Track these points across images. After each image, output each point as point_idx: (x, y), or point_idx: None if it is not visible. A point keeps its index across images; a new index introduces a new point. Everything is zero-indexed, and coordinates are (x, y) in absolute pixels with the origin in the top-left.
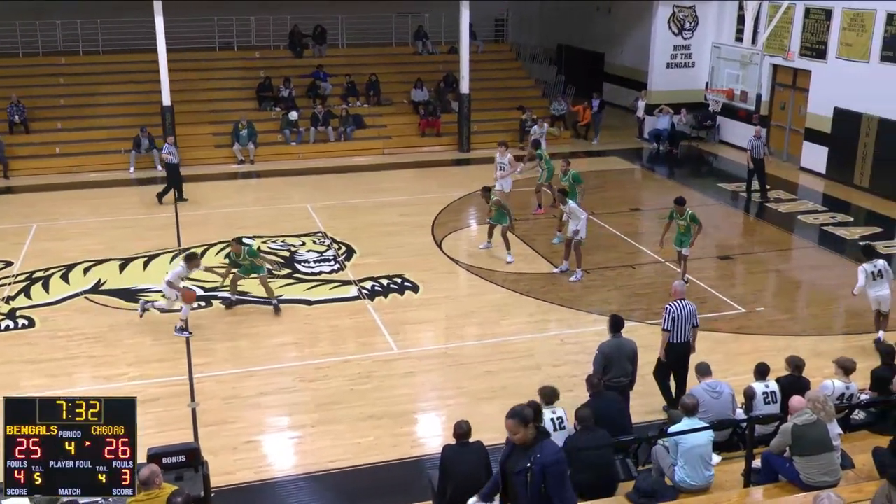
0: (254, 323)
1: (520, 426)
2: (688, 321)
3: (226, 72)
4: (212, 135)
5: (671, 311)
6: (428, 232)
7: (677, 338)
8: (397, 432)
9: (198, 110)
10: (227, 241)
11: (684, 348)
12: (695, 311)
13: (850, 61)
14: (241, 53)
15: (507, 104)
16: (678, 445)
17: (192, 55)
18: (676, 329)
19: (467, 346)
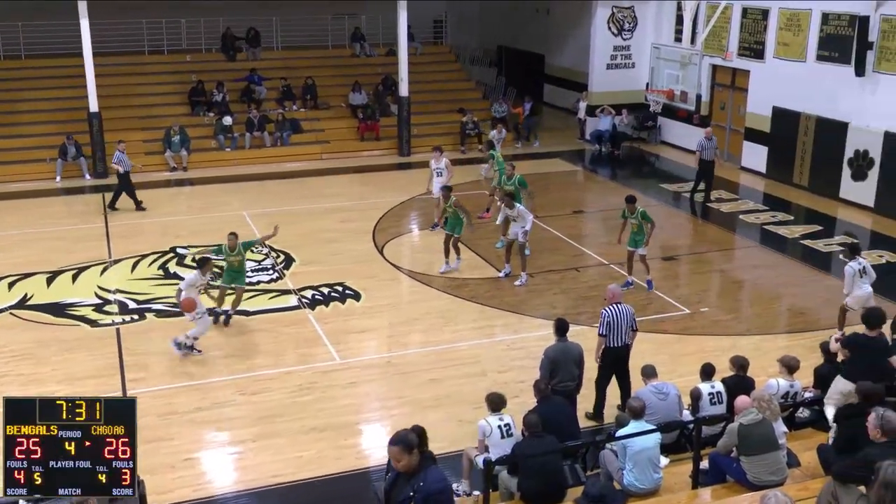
0: None
1: (404, 453)
2: (625, 324)
3: (156, 76)
4: (142, 142)
5: (606, 316)
6: (369, 238)
7: (615, 342)
8: (341, 444)
9: (127, 116)
10: (161, 250)
11: (623, 352)
12: (632, 314)
13: (787, 61)
14: (171, 57)
15: (447, 107)
16: (626, 449)
17: (120, 59)
18: (613, 333)
19: (411, 354)
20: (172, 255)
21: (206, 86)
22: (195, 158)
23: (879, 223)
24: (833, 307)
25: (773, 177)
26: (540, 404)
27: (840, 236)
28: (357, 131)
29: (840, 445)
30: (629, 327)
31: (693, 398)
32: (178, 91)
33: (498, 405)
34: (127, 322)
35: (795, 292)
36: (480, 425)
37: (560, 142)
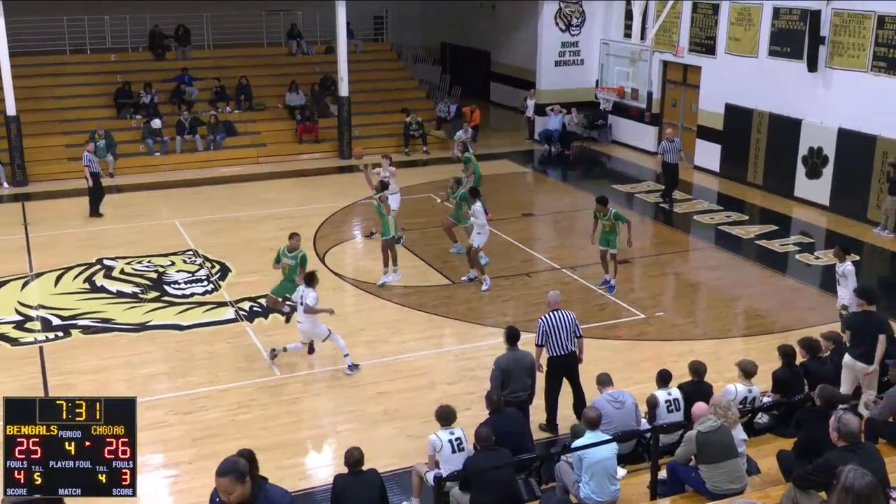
0: (119, 352)
1: (236, 483)
2: (567, 331)
3: (78, 77)
4: (65, 146)
5: (542, 325)
6: (310, 245)
7: (557, 350)
8: (284, 464)
9: (47, 120)
10: (87, 262)
11: (569, 360)
12: (574, 320)
13: (739, 56)
14: (95, 56)
15: (389, 107)
16: (582, 460)
17: (39, 59)
18: (553, 342)
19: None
20: (99, 268)
21: (132, 87)
22: (122, 164)
23: (834, 222)
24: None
25: (727, 176)
26: (492, 416)
27: (796, 235)
28: (295, 133)
29: (800, 451)
30: (571, 333)
31: (649, 406)
32: (103, 93)
33: (448, 419)
34: (51, 340)
35: (752, 294)
36: (430, 440)
37: (508, 142)
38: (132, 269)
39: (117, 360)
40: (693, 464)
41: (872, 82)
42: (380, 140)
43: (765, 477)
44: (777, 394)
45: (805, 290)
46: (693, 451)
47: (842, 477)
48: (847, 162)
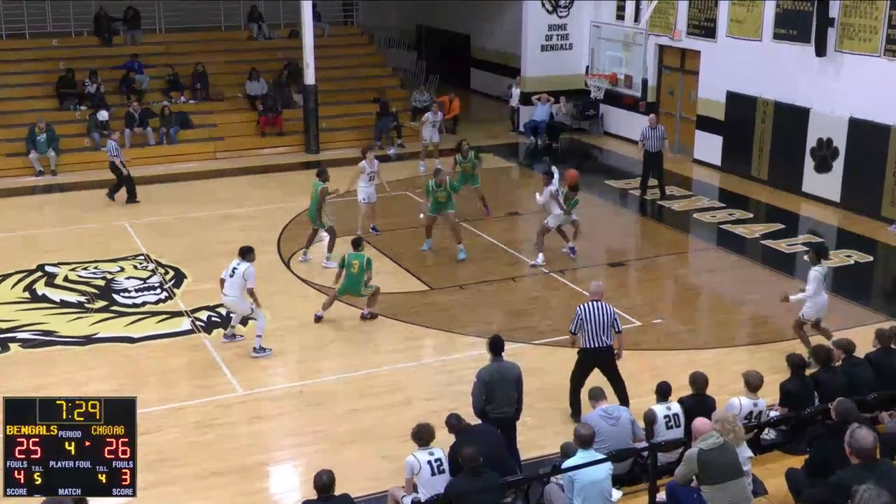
0: (63, 367)
1: None
2: (604, 324)
3: (16, 64)
4: (2, 141)
5: (579, 313)
6: (273, 249)
7: (592, 342)
8: (247, 490)
9: None
10: (27, 269)
11: (604, 354)
12: (613, 313)
13: (741, 40)
14: (34, 42)
15: (360, 96)
16: (574, 482)
17: None
18: (588, 332)
19: (326, 382)
20: (41, 275)
21: (76, 75)
22: (65, 160)
23: (846, 220)
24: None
25: (730, 170)
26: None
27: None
28: (256, 126)
29: (811, 469)
30: (609, 327)
31: (647, 422)
32: (44, 81)
33: (425, 438)
34: None
35: (757, 299)
36: (408, 462)
37: (490, 134)
38: (77, 276)
39: (60, 376)
40: (694, 484)
41: (886, 68)
42: (350, 133)
43: (772, 498)
44: (785, 407)
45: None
46: (694, 471)
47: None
48: (859, 154)
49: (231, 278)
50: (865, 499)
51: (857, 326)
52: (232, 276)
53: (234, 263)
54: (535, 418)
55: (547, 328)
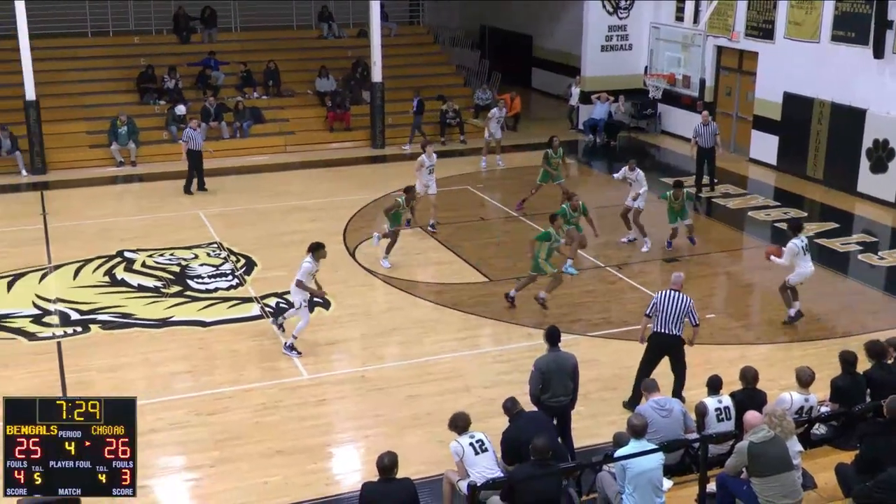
0: (139, 348)
1: None
2: (675, 315)
3: (100, 60)
4: (85, 133)
5: (656, 299)
6: (339, 240)
7: (662, 327)
8: (309, 469)
9: (68, 105)
10: (107, 255)
11: (671, 341)
12: (690, 306)
13: (799, 41)
14: (117, 39)
15: (426, 93)
16: (626, 471)
17: (60, 42)
18: (660, 319)
19: (387, 367)
20: (120, 260)
21: (156, 71)
22: (144, 152)
23: None
24: (852, 313)
25: (785, 169)
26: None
27: (859, 234)
28: (325, 121)
29: (861, 465)
30: (680, 318)
31: (698, 414)
32: (126, 77)
33: (462, 426)
34: (69, 335)
35: (810, 297)
36: (452, 448)
37: (550, 132)
38: (154, 263)
39: (137, 357)
40: (744, 476)
41: None
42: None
43: (822, 492)
44: (836, 403)
45: (867, 293)
46: (744, 463)
47: None
48: None
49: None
50: None
51: None
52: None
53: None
54: (589, 408)
55: (601, 321)
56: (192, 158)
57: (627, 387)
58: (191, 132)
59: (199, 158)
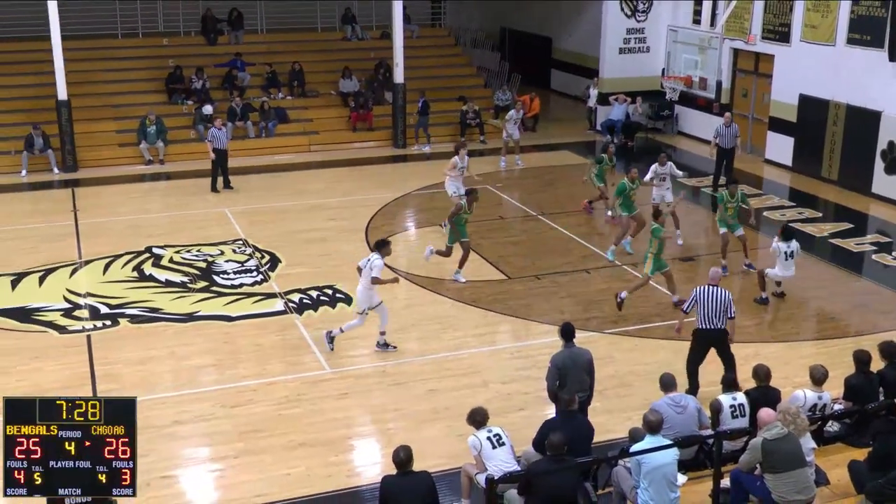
0: (166, 342)
1: None
2: (717, 309)
3: (130, 61)
4: (115, 132)
5: (695, 294)
6: (361, 237)
7: (705, 323)
8: (331, 461)
9: (99, 105)
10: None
11: (716, 335)
12: (729, 299)
13: (815, 44)
14: (147, 41)
15: (446, 94)
16: (641, 466)
17: (91, 43)
18: (703, 314)
19: (407, 362)
20: (148, 256)
21: (184, 72)
22: (172, 150)
23: None
24: (865, 312)
25: (800, 170)
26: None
27: (873, 234)
28: (348, 121)
29: (874, 463)
30: (723, 312)
31: (713, 411)
32: (155, 77)
33: (480, 420)
34: (98, 328)
35: (824, 296)
36: (470, 442)
37: (568, 132)
38: (181, 258)
39: (164, 350)
40: (758, 472)
41: None
42: (436, 129)
43: (835, 489)
44: (849, 401)
45: (881, 293)
46: (758, 459)
47: None
48: None
49: (364, 268)
50: None
51: None
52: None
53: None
54: (605, 404)
55: (618, 318)
56: (218, 157)
57: (642, 383)
58: (215, 132)
59: (224, 157)
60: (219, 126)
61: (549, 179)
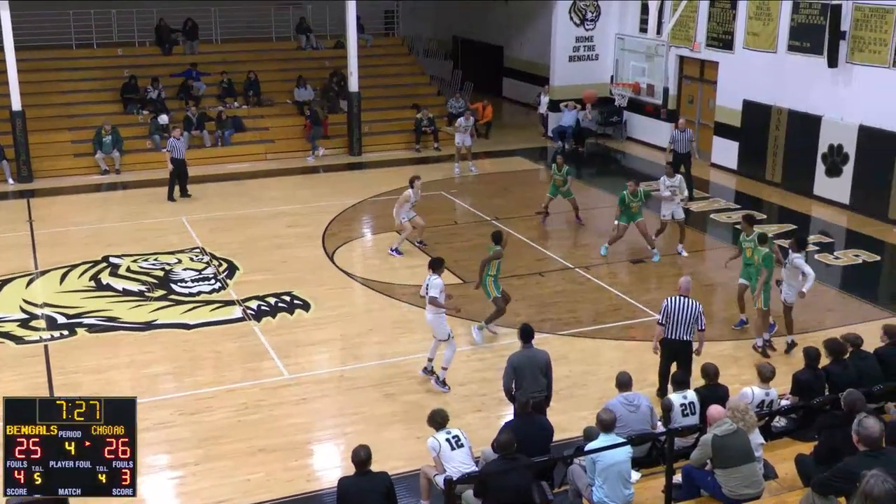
0: (125, 351)
1: None
2: (686, 321)
3: (85, 71)
4: (71, 142)
5: (666, 305)
6: (318, 244)
7: (673, 334)
8: (291, 466)
9: (53, 115)
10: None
11: (680, 347)
12: (699, 311)
13: (757, 52)
14: (101, 51)
15: (400, 102)
16: (595, 464)
17: (45, 53)
18: (672, 325)
19: (366, 367)
20: (105, 265)
21: (139, 82)
22: (128, 160)
23: (855, 221)
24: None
25: (745, 173)
26: (517, 419)
27: (816, 235)
28: (304, 130)
29: (820, 456)
30: (692, 324)
31: (664, 409)
32: (110, 88)
33: (440, 421)
34: (56, 338)
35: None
36: (429, 444)
37: (520, 139)
38: (138, 267)
39: (123, 359)
40: (709, 468)
41: (894, 78)
42: (390, 136)
43: (782, 482)
44: (797, 396)
45: (824, 292)
46: (709, 455)
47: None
48: (868, 160)
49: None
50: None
51: (865, 322)
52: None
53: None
54: (561, 403)
55: (572, 319)
56: (176, 167)
57: (596, 383)
58: (174, 142)
59: (182, 167)
60: (177, 136)
61: (503, 185)
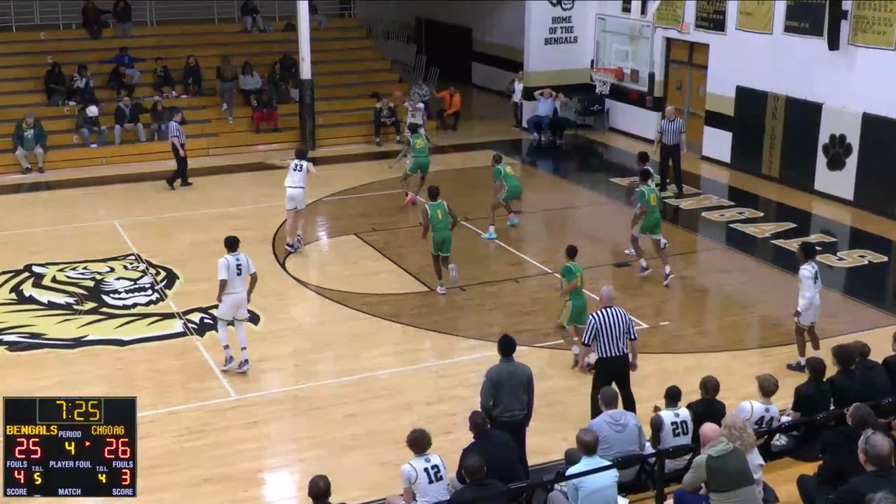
0: (52, 371)
1: None
2: (619, 331)
3: (3, 58)
4: None
5: (593, 322)
6: (269, 249)
7: (607, 351)
8: (240, 497)
9: None
10: (13, 269)
11: (620, 362)
12: (629, 320)
13: (751, 33)
14: (21, 35)
15: (358, 91)
16: (578, 490)
17: None
18: (603, 342)
19: (322, 385)
20: (28, 275)
21: (65, 69)
22: (53, 157)
23: (859, 218)
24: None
25: (739, 167)
26: (477, 441)
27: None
28: (251, 122)
29: (825, 477)
30: (624, 334)
31: (654, 428)
32: (31, 76)
33: (422, 446)
34: None
35: (768, 300)
36: (404, 471)
37: (492, 130)
38: (65, 277)
39: (49, 380)
40: (703, 492)
41: None
42: (347, 129)
43: None
44: (798, 412)
45: (827, 296)
46: (703, 478)
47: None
48: (873, 151)
49: (298, 172)
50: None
51: (872, 329)
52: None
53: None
54: (540, 423)
55: (550, 331)
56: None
57: (578, 400)
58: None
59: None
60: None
61: (473, 182)
